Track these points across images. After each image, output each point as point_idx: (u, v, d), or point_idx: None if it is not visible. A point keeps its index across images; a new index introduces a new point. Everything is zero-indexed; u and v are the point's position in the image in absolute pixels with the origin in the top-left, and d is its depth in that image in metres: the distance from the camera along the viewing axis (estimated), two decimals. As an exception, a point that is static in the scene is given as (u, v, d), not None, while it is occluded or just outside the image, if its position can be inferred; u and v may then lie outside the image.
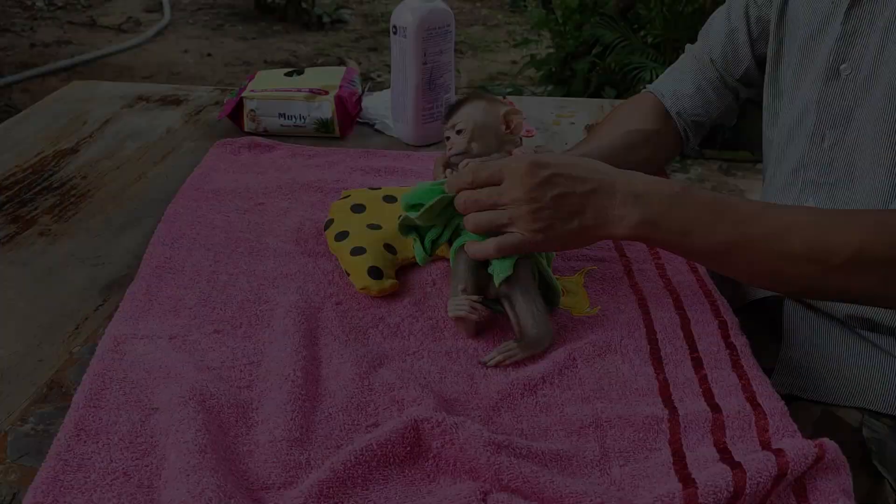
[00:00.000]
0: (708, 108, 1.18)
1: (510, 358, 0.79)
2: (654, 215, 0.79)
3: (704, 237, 0.79)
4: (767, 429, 0.71)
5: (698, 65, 1.18)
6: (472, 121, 0.88)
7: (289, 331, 0.81)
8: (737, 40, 1.14)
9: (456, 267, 0.85)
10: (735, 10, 1.14)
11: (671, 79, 1.20)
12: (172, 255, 0.96)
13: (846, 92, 0.97)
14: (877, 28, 0.93)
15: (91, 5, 5.79)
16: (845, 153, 0.97)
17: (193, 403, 0.70)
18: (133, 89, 1.52)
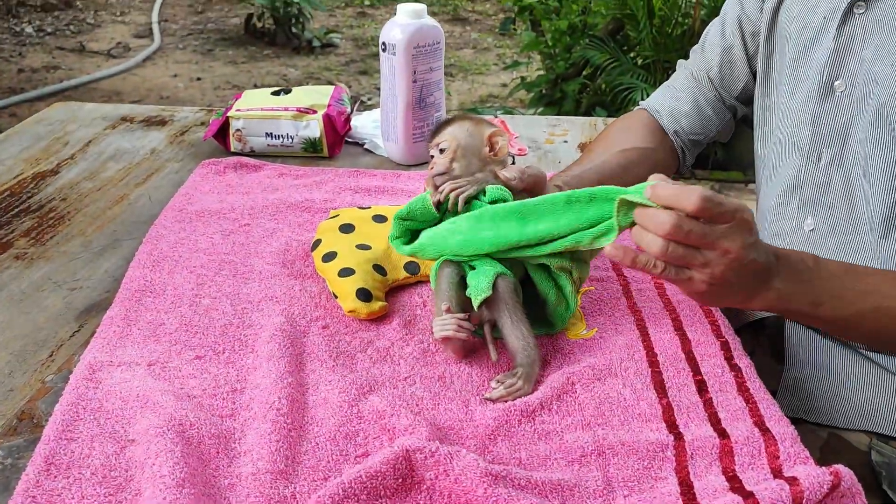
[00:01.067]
0: (706, 126, 1.16)
1: (515, 394, 0.75)
2: (790, 290, 0.78)
3: (834, 309, 0.80)
4: (778, 455, 0.67)
5: (695, 82, 1.15)
6: (455, 141, 0.87)
7: (274, 356, 0.77)
8: (733, 57, 1.12)
9: (438, 286, 0.81)
10: (729, 25, 1.12)
11: (667, 96, 1.18)
12: (153, 279, 0.92)
13: (841, 108, 0.95)
14: (870, 43, 0.91)
15: (80, 31, 5.78)
16: (843, 171, 0.95)
17: (172, 434, 0.66)
18: (117, 110, 1.49)
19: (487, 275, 0.78)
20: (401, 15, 1.18)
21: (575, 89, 3.52)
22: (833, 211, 0.96)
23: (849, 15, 0.93)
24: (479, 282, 0.78)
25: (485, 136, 0.88)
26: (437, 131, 0.90)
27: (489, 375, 0.78)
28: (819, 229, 0.98)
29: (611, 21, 3.52)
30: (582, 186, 0.96)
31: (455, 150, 0.87)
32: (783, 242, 1.03)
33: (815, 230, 0.98)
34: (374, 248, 0.92)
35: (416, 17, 1.17)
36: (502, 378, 0.76)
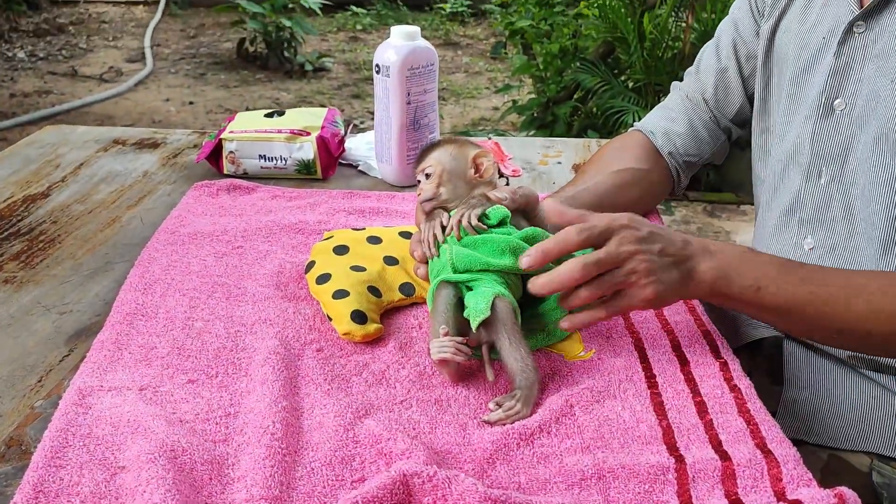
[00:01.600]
0: (701, 147, 1.15)
1: (513, 417, 0.73)
2: (728, 269, 0.81)
3: (774, 294, 0.81)
4: (781, 477, 0.66)
5: (690, 104, 1.15)
6: (440, 165, 0.87)
7: (267, 380, 0.76)
8: (728, 81, 1.12)
9: (435, 308, 0.80)
10: (724, 48, 1.13)
11: (662, 117, 1.17)
12: (145, 301, 0.91)
13: (842, 127, 0.95)
14: (870, 62, 0.92)
15: (73, 56, 5.79)
16: (843, 189, 0.95)
17: (163, 460, 0.65)
18: (109, 133, 1.48)
19: (485, 296, 0.78)
20: (395, 37, 1.18)
21: (566, 112, 3.53)
22: (833, 229, 0.96)
23: (848, 34, 0.93)
24: (478, 303, 0.77)
25: (469, 158, 0.88)
26: (422, 157, 0.90)
27: (487, 398, 0.77)
28: (818, 248, 0.98)
29: (601, 44, 3.54)
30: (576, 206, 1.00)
31: (440, 175, 0.87)
32: None
33: (814, 249, 0.98)
34: (368, 270, 0.91)
35: (410, 38, 1.17)
36: (500, 400, 0.75)
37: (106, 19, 6.87)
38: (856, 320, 0.82)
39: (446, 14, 6.64)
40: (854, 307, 0.81)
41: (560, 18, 3.70)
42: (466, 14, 6.69)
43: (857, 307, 0.81)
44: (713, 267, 0.81)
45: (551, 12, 3.71)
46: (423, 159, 0.89)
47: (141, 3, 7.36)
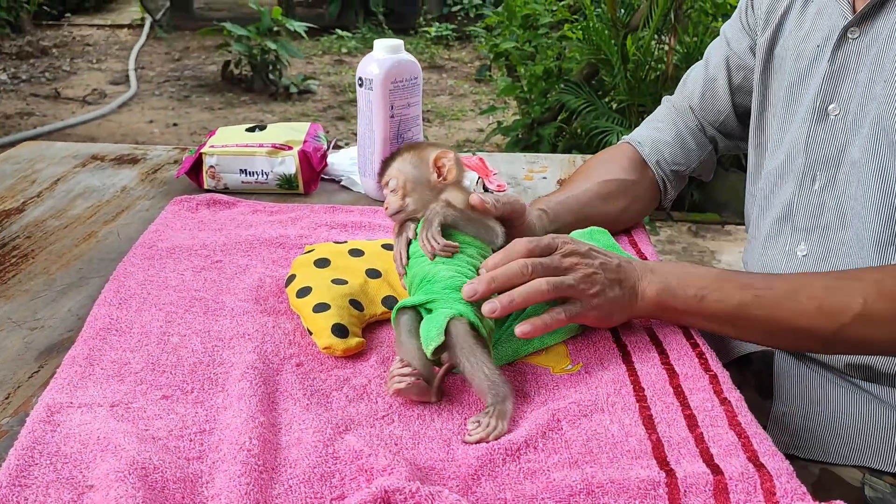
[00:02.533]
0: (688, 156, 1.15)
1: (492, 434, 0.71)
2: (670, 283, 0.83)
3: (719, 301, 0.82)
4: (775, 491, 0.64)
5: (677, 113, 1.16)
6: (401, 175, 0.85)
7: (245, 395, 0.74)
8: (716, 89, 1.12)
9: (398, 337, 0.78)
10: (714, 60, 1.13)
11: (649, 128, 1.18)
12: (119, 316, 0.88)
13: (836, 132, 0.94)
14: (864, 67, 0.91)
15: (56, 78, 5.76)
16: (837, 194, 0.94)
17: (133, 479, 0.62)
18: (87, 149, 1.46)
19: (438, 321, 0.75)
20: (378, 50, 1.17)
21: (551, 133, 3.54)
22: (826, 235, 0.95)
23: (843, 40, 0.93)
24: (429, 330, 0.75)
25: (430, 162, 0.85)
26: (383, 169, 0.87)
27: (471, 412, 0.74)
28: (812, 254, 0.97)
29: (585, 66, 3.56)
30: (563, 213, 1.02)
31: (404, 186, 0.85)
32: (775, 270, 1.01)
33: (807, 255, 0.97)
34: (350, 283, 0.89)
35: (394, 52, 1.16)
36: (477, 418, 0.72)
37: (90, 42, 6.85)
38: (804, 319, 0.82)
39: (431, 37, 6.67)
40: (801, 306, 0.82)
41: (544, 41, 3.72)
42: (451, 38, 6.72)
43: (803, 306, 0.82)
44: (655, 281, 0.83)
45: (536, 34, 3.73)
46: (384, 172, 0.87)
47: (125, 26, 7.36)
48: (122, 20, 7.57)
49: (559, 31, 3.74)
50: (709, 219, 3.28)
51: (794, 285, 0.84)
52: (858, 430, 0.93)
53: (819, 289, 0.83)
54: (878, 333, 0.84)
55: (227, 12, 7.32)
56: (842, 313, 0.81)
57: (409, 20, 6.94)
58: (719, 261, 2.97)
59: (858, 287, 0.82)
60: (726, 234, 3.20)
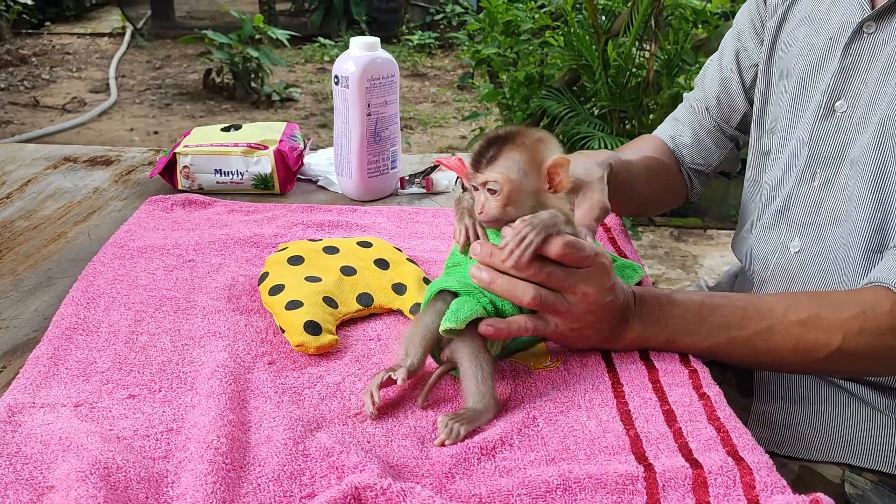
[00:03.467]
0: (707, 156, 1.15)
1: (451, 436, 0.68)
2: (646, 332, 0.79)
3: (690, 346, 0.80)
4: (754, 485, 0.63)
5: (694, 114, 1.15)
6: (508, 184, 0.71)
7: (214, 393, 0.72)
8: (731, 89, 1.11)
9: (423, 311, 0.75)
10: (727, 57, 1.11)
11: (669, 127, 1.18)
12: (87, 316, 0.86)
13: (841, 130, 0.92)
14: (877, 64, 0.89)
15: (35, 86, 5.71)
16: (835, 193, 0.93)
17: (95, 479, 0.60)
18: (60, 151, 1.43)
19: (469, 309, 0.71)
20: (354, 48, 1.15)
21: (533, 139, 3.54)
22: (821, 233, 0.94)
23: (857, 34, 0.91)
24: (458, 312, 0.71)
25: (543, 171, 0.72)
26: (484, 158, 0.72)
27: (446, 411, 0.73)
28: (805, 251, 0.96)
29: (567, 72, 3.57)
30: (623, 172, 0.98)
31: (509, 194, 0.71)
32: (766, 263, 1.01)
33: (800, 251, 0.96)
34: (324, 280, 0.88)
35: (370, 49, 1.15)
36: (446, 419, 0.69)
37: (70, 51, 6.80)
38: (778, 356, 0.82)
39: (414, 46, 6.68)
40: (774, 345, 0.81)
41: (526, 47, 3.73)
42: (434, 46, 6.73)
43: (777, 345, 0.81)
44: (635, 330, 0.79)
45: (517, 41, 3.73)
46: (484, 163, 0.72)
47: (106, 34, 7.31)
48: (102, 29, 7.52)
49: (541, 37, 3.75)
50: (691, 223, 3.29)
51: (770, 322, 0.80)
52: (838, 428, 0.92)
53: (797, 326, 0.80)
54: (851, 366, 0.84)
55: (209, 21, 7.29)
56: (818, 350, 0.80)
57: (391, 28, 6.95)
58: (701, 265, 2.98)
59: (839, 322, 0.79)
60: (708, 239, 3.21)
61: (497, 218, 0.72)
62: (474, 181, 0.73)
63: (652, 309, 0.80)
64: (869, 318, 0.79)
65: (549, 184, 0.73)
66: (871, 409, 0.92)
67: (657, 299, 0.80)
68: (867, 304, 0.80)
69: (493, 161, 0.72)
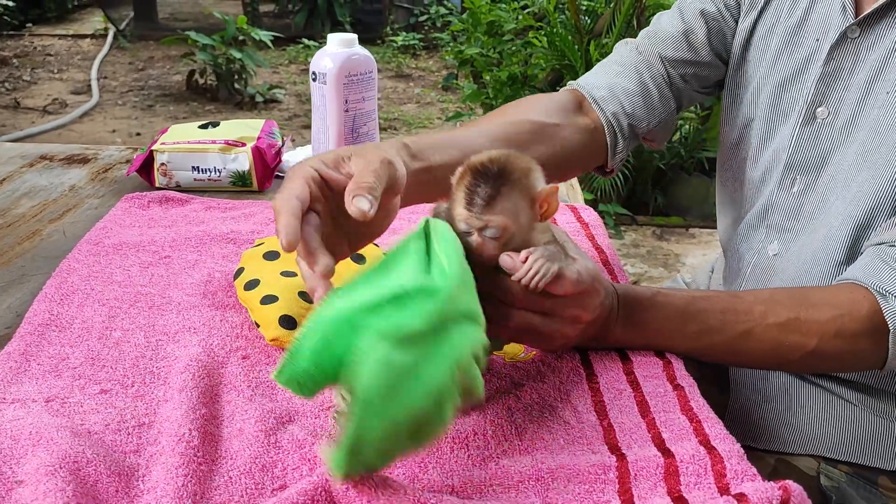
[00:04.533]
0: (650, 111, 1.00)
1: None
2: (628, 335, 0.79)
3: (668, 347, 0.81)
4: (725, 473, 0.64)
5: (642, 59, 1.00)
6: (510, 228, 0.67)
7: (186, 387, 0.71)
8: (692, 41, 1.01)
9: None
10: (688, 12, 1.02)
11: (605, 73, 1.01)
12: (60, 312, 0.85)
13: (822, 136, 0.91)
14: (861, 71, 0.87)
15: (16, 88, 5.66)
16: (815, 199, 0.92)
17: (64, 473, 0.60)
18: (36, 149, 1.42)
19: None
20: (331, 44, 1.15)
21: (517, 139, 3.55)
22: (800, 237, 0.94)
23: (842, 40, 0.89)
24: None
25: (536, 202, 0.68)
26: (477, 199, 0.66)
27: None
28: (782, 255, 0.96)
29: (550, 72, 3.58)
30: (431, 152, 0.80)
31: (511, 236, 0.68)
32: (745, 263, 1.01)
33: (778, 255, 0.96)
34: (299, 275, 0.87)
35: (347, 46, 1.15)
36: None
37: (51, 52, 6.74)
38: (753, 358, 0.84)
39: (398, 47, 6.68)
40: (752, 348, 0.81)
41: (509, 47, 3.74)
42: (418, 47, 6.73)
43: (755, 348, 0.81)
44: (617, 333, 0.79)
45: (500, 41, 3.74)
46: (481, 206, 0.66)
47: (88, 36, 7.26)
48: (84, 30, 7.47)
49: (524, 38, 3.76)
50: (673, 222, 3.31)
51: (749, 325, 0.80)
52: (813, 422, 0.93)
53: (774, 329, 0.80)
54: (821, 366, 0.86)
55: (193, 22, 7.26)
56: (793, 352, 0.81)
57: (376, 30, 6.95)
58: (683, 263, 2.99)
59: (816, 325, 0.79)
60: (690, 238, 3.23)
61: (496, 256, 0.68)
62: (472, 225, 0.67)
63: (634, 313, 0.79)
64: (846, 322, 0.79)
65: (540, 214, 0.69)
66: (845, 403, 0.92)
67: (639, 304, 0.79)
68: (845, 307, 0.80)
69: (493, 203, 0.66)
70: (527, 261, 0.67)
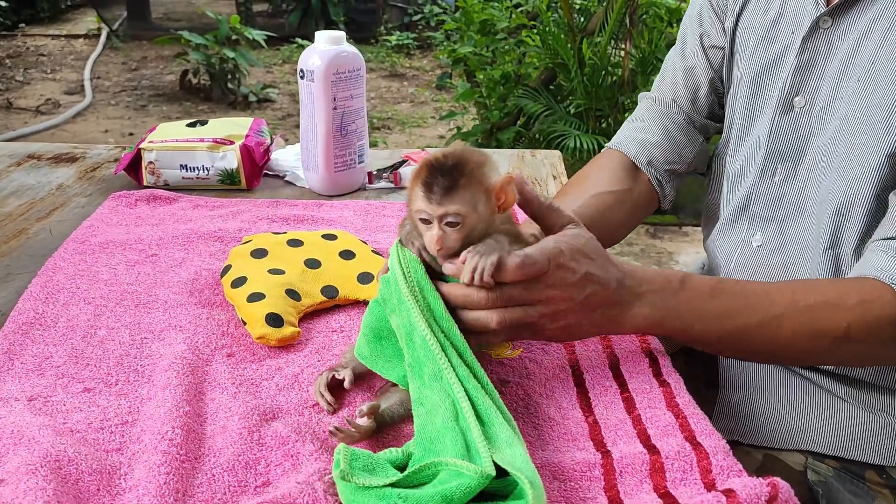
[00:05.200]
0: (680, 152, 1.08)
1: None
2: (657, 315, 0.76)
3: (703, 331, 0.78)
4: (711, 469, 0.64)
5: (660, 108, 1.09)
6: (471, 217, 0.68)
7: (170, 385, 0.71)
8: (697, 77, 1.07)
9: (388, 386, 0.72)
10: (690, 45, 1.08)
11: (632, 129, 1.10)
12: (45, 311, 0.85)
13: (800, 125, 0.92)
14: (834, 60, 0.89)
15: (8, 88, 5.64)
16: (797, 188, 0.93)
17: (45, 471, 0.59)
18: (24, 148, 1.41)
19: None
20: (319, 42, 1.15)
21: (510, 138, 3.55)
22: (783, 227, 0.95)
23: (814, 30, 0.91)
24: None
25: (493, 193, 0.69)
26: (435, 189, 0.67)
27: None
28: (767, 245, 0.96)
29: (543, 71, 3.58)
30: None
31: (471, 227, 0.68)
32: (729, 258, 1.01)
33: (762, 246, 0.96)
34: (288, 273, 0.87)
35: (335, 43, 1.15)
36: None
37: (44, 52, 6.73)
38: (786, 345, 0.81)
39: (392, 46, 6.67)
40: (784, 333, 0.79)
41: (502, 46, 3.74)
42: (412, 46, 6.73)
43: (787, 333, 0.79)
44: (643, 315, 0.75)
45: (493, 40, 3.74)
46: (435, 199, 0.67)
47: (81, 36, 7.24)
48: (77, 30, 7.45)
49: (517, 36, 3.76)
50: (666, 221, 3.31)
51: (779, 309, 0.79)
52: (801, 416, 0.93)
53: (804, 311, 0.79)
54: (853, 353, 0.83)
55: (186, 22, 7.25)
56: (824, 337, 0.79)
57: (370, 29, 6.94)
58: (676, 261, 2.99)
59: (845, 307, 0.79)
60: (683, 236, 3.23)
61: (456, 251, 0.69)
62: (431, 215, 0.67)
63: (666, 291, 0.76)
64: (873, 308, 0.79)
65: (497, 205, 0.70)
66: (833, 397, 0.92)
67: (669, 283, 0.77)
68: (868, 293, 0.80)
69: (451, 193, 0.67)
70: (465, 262, 0.68)
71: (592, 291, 0.73)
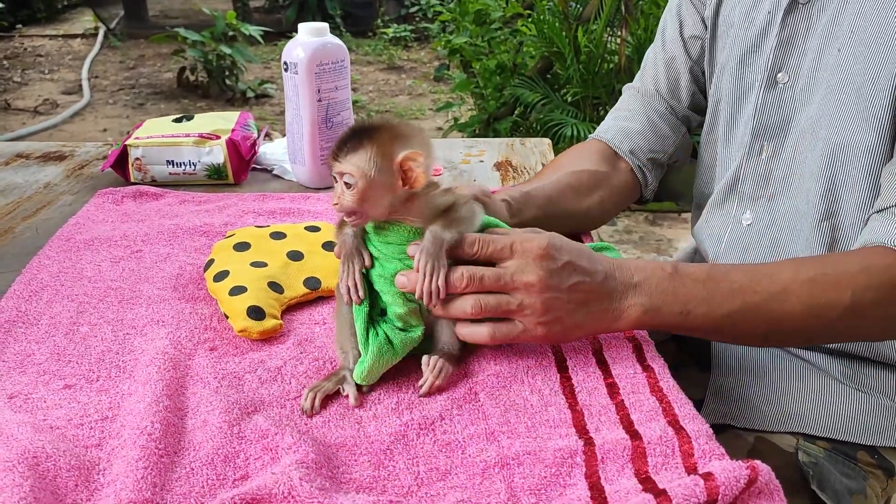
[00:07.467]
0: (663, 142, 1.08)
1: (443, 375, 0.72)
2: (655, 303, 0.74)
3: (705, 314, 0.76)
4: (693, 453, 0.63)
5: (644, 99, 1.10)
6: (363, 179, 0.68)
7: (151, 380, 0.71)
8: (677, 67, 1.08)
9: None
10: (669, 37, 1.09)
11: (616, 119, 1.11)
12: (28, 309, 0.85)
13: (784, 101, 0.93)
14: (814, 34, 0.90)
15: (6, 89, 5.64)
16: (784, 164, 0.93)
17: (22, 468, 0.59)
18: (12, 147, 1.41)
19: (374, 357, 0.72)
20: (303, 34, 1.14)
21: (507, 127, 3.54)
22: (771, 204, 0.95)
23: (793, 6, 0.91)
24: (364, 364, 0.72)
25: (395, 166, 0.69)
26: (338, 153, 0.69)
27: (383, 393, 0.72)
28: (756, 223, 0.96)
29: (539, 60, 3.56)
30: (527, 206, 0.92)
31: (363, 190, 0.69)
32: (720, 239, 1.01)
33: (752, 224, 0.97)
34: (270, 266, 0.87)
35: (319, 35, 1.14)
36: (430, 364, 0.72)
37: (42, 52, 6.72)
38: (793, 321, 0.78)
39: (389, 39, 6.65)
40: (789, 308, 0.77)
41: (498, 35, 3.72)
42: (409, 38, 6.71)
43: (791, 307, 0.77)
44: (639, 304, 0.74)
45: (488, 30, 3.72)
46: (339, 157, 0.69)
47: (78, 36, 7.23)
48: (74, 30, 7.44)
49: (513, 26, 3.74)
50: (665, 208, 3.30)
51: (781, 284, 0.77)
52: (793, 398, 0.93)
53: (806, 284, 0.77)
54: (866, 323, 0.81)
55: (183, 19, 7.23)
56: (831, 309, 0.77)
57: (366, 23, 6.92)
58: (676, 248, 2.99)
59: (847, 277, 0.77)
60: (683, 223, 3.22)
61: (353, 210, 0.70)
62: (333, 170, 0.70)
63: (659, 279, 0.75)
64: (874, 273, 0.77)
65: (402, 180, 0.70)
66: (826, 378, 0.92)
67: (662, 270, 0.76)
68: (868, 260, 0.79)
69: (352, 152, 0.69)
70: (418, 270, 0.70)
71: (579, 281, 0.72)
